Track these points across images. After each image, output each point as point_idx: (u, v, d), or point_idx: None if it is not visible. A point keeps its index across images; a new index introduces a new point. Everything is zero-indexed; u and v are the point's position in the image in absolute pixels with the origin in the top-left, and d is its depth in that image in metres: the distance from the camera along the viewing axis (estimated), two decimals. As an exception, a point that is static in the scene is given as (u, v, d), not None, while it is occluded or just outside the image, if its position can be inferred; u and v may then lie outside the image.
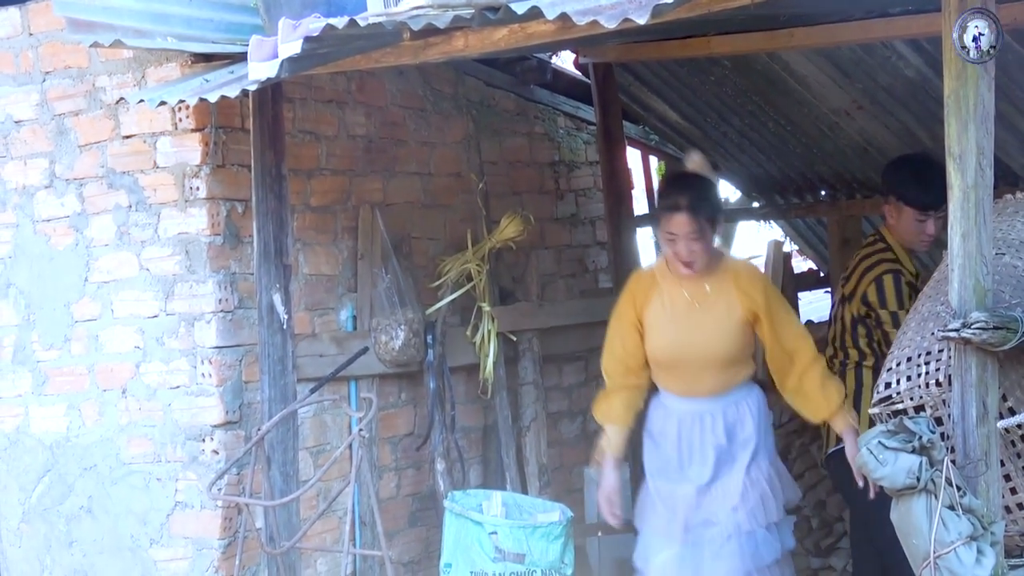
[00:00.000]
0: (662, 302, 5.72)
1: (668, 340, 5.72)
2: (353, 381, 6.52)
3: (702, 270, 5.62)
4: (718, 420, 5.71)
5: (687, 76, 8.00)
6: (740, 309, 5.64)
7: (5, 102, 6.38)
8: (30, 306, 6.38)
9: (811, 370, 5.64)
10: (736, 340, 5.68)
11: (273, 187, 5.82)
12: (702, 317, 5.66)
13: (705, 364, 5.67)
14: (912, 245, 5.99)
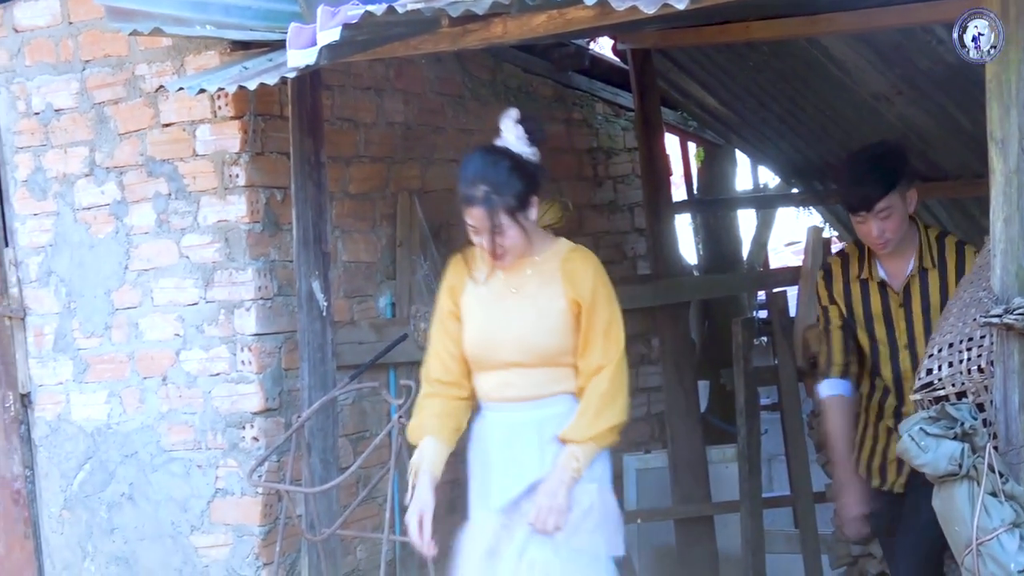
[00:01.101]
0: (476, 287, 5.00)
1: (478, 330, 4.96)
2: (392, 368, 6.53)
3: (523, 253, 4.90)
4: (531, 436, 4.88)
5: (726, 62, 7.97)
6: (564, 299, 4.87)
7: (46, 91, 6.41)
8: (71, 294, 6.41)
9: (592, 382, 4.83)
10: (555, 334, 4.85)
11: (312, 174, 5.82)
12: (518, 304, 4.90)
13: (518, 358, 4.86)
14: (870, 246, 5.32)
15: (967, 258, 5.14)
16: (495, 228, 4.81)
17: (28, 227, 6.50)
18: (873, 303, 5.31)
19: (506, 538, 4.86)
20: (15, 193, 6.52)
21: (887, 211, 5.06)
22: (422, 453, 5.00)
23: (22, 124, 6.48)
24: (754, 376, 6.99)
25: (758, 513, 6.88)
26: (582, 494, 4.81)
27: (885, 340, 5.30)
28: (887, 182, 5.06)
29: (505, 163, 4.85)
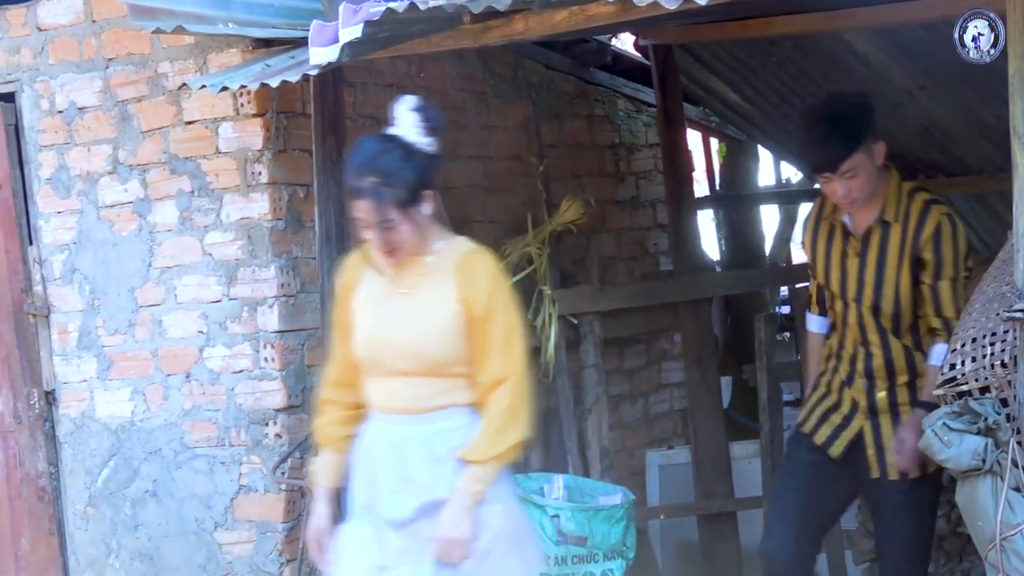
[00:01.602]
0: (367, 286, 4.62)
1: (364, 333, 4.57)
2: (415, 364, 6.52)
3: (415, 251, 4.50)
4: (419, 451, 4.49)
5: (748, 57, 7.95)
6: (456, 303, 4.45)
7: (69, 89, 6.43)
8: (95, 291, 6.43)
9: (492, 397, 4.45)
10: (445, 342, 4.45)
11: (334, 172, 5.82)
12: (407, 307, 4.50)
13: (405, 366, 4.47)
14: (837, 204, 5.12)
15: (930, 217, 4.98)
16: (384, 223, 4.39)
17: (52, 225, 6.52)
18: (834, 247, 5.20)
19: (405, 561, 4.45)
20: (39, 191, 6.55)
21: (853, 171, 4.90)
22: (321, 464, 4.70)
23: (46, 122, 6.51)
24: (777, 372, 6.98)
25: (781, 509, 6.86)
26: (489, 516, 4.45)
27: (839, 289, 5.19)
28: (851, 140, 4.90)
29: (397, 152, 4.43)
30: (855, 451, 5.20)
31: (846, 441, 5.21)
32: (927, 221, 4.99)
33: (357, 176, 4.41)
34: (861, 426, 5.18)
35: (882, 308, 5.07)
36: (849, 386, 5.22)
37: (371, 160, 4.41)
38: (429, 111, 4.51)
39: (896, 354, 5.10)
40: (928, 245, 4.99)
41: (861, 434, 5.18)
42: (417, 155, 4.44)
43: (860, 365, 5.17)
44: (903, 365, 5.11)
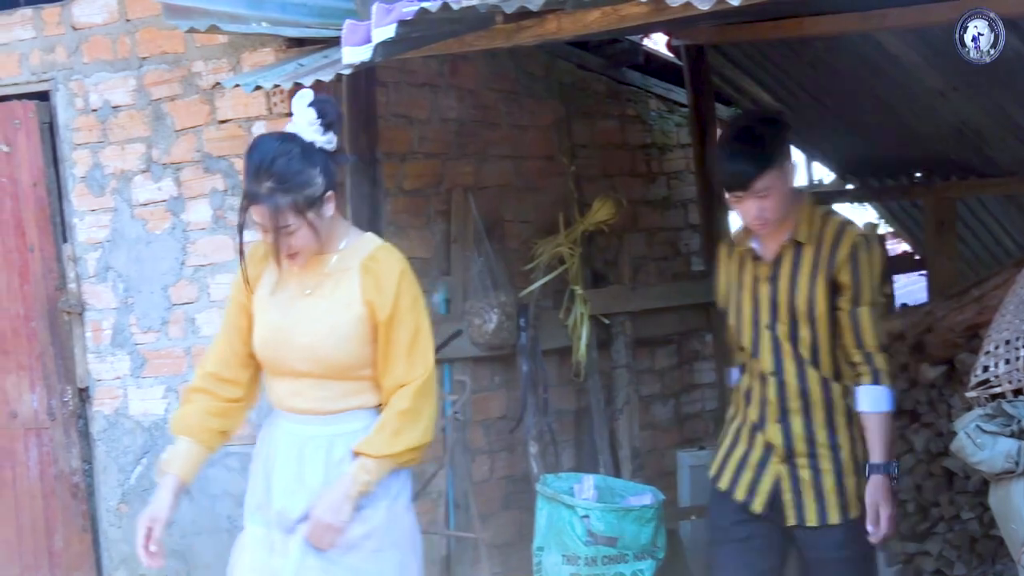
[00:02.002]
0: (272, 279, 4.41)
1: (265, 333, 4.39)
2: (447, 364, 6.54)
3: (320, 250, 4.33)
4: (319, 453, 4.36)
5: (780, 57, 7.95)
6: (361, 305, 4.29)
7: (103, 88, 6.46)
8: (128, 289, 6.46)
9: (393, 398, 4.30)
10: (349, 345, 4.29)
11: (367, 171, 5.85)
12: (310, 308, 4.34)
13: (308, 368, 4.32)
14: (748, 226, 4.83)
15: (845, 238, 4.70)
16: (282, 228, 4.19)
17: (86, 223, 6.56)
18: (745, 274, 4.88)
19: (283, 555, 4.33)
20: (73, 189, 6.58)
21: (766, 191, 4.61)
22: (174, 453, 4.45)
23: (80, 121, 6.54)
24: (808, 372, 6.95)
25: (812, 510, 6.84)
26: (371, 512, 4.32)
27: (750, 318, 4.84)
28: (765, 159, 4.62)
29: (295, 154, 4.19)
30: (776, 501, 4.82)
31: (765, 494, 4.83)
32: (842, 242, 4.70)
33: (254, 180, 4.18)
34: (777, 473, 4.80)
35: (799, 334, 4.73)
36: (761, 429, 4.84)
37: (268, 163, 4.17)
38: (326, 105, 4.29)
39: (812, 386, 4.73)
40: (845, 267, 4.69)
41: (778, 481, 4.80)
42: (316, 156, 4.23)
43: (773, 400, 4.78)
44: (819, 398, 4.74)
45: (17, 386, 6.79)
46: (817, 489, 4.75)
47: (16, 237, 6.72)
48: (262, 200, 4.16)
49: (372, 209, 5.87)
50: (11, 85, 6.72)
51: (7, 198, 6.73)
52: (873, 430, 4.70)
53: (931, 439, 6.31)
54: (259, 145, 4.26)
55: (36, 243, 6.68)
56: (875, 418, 4.69)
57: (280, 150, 4.19)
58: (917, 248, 10.08)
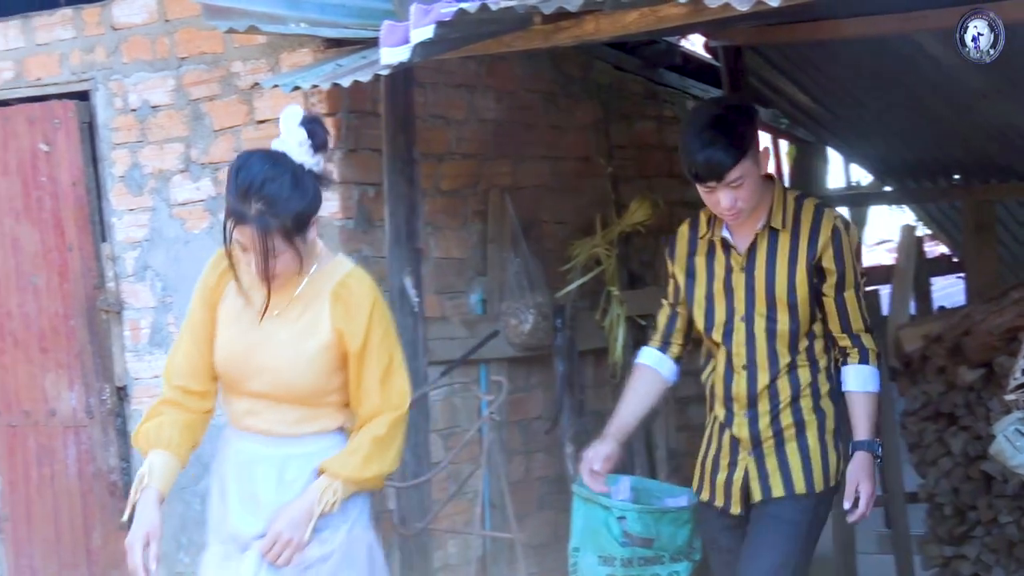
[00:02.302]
0: (234, 294, 4.27)
1: (226, 350, 4.26)
2: (483, 364, 6.55)
3: (297, 274, 4.19)
4: (270, 472, 4.28)
5: (818, 59, 7.92)
6: (329, 332, 4.19)
7: (142, 88, 6.49)
8: (166, 289, 6.48)
9: (370, 424, 4.24)
10: (313, 373, 4.19)
11: (404, 171, 5.85)
12: (276, 331, 4.21)
13: (266, 389, 4.22)
14: (719, 216, 4.65)
15: (824, 221, 4.57)
16: (267, 252, 4.04)
17: (125, 222, 6.58)
18: (716, 264, 4.70)
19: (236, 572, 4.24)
20: (112, 189, 6.61)
21: (739, 179, 4.45)
22: (152, 467, 4.27)
23: (119, 121, 6.57)
24: (846, 374, 6.93)
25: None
26: (330, 534, 4.24)
27: (723, 309, 4.67)
28: (738, 148, 4.46)
29: (287, 178, 4.04)
30: (750, 496, 4.69)
31: (739, 491, 4.71)
32: (822, 226, 4.57)
33: (241, 200, 4.02)
34: (746, 465, 4.67)
35: (777, 324, 4.60)
36: (729, 426, 4.71)
37: (258, 185, 4.02)
38: (316, 125, 4.16)
39: (782, 374, 4.61)
40: (827, 252, 4.56)
41: (747, 474, 4.68)
42: (307, 180, 4.09)
43: (743, 394, 4.64)
44: (787, 384, 4.61)
45: (56, 384, 6.83)
46: (783, 468, 4.62)
47: (55, 236, 6.76)
48: (250, 222, 4.03)
49: (409, 209, 5.88)
50: (51, 85, 6.76)
51: (47, 197, 6.77)
52: (859, 409, 4.61)
53: (969, 442, 6.28)
54: (248, 165, 4.08)
55: (75, 242, 6.71)
56: (862, 397, 4.60)
57: (271, 173, 4.05)
58: (955, 250, 10.04)
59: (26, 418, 6.94)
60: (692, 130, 4.54)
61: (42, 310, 6.83)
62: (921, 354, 6.50)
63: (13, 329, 6.93)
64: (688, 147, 4.52)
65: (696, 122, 4.58)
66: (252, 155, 4.14)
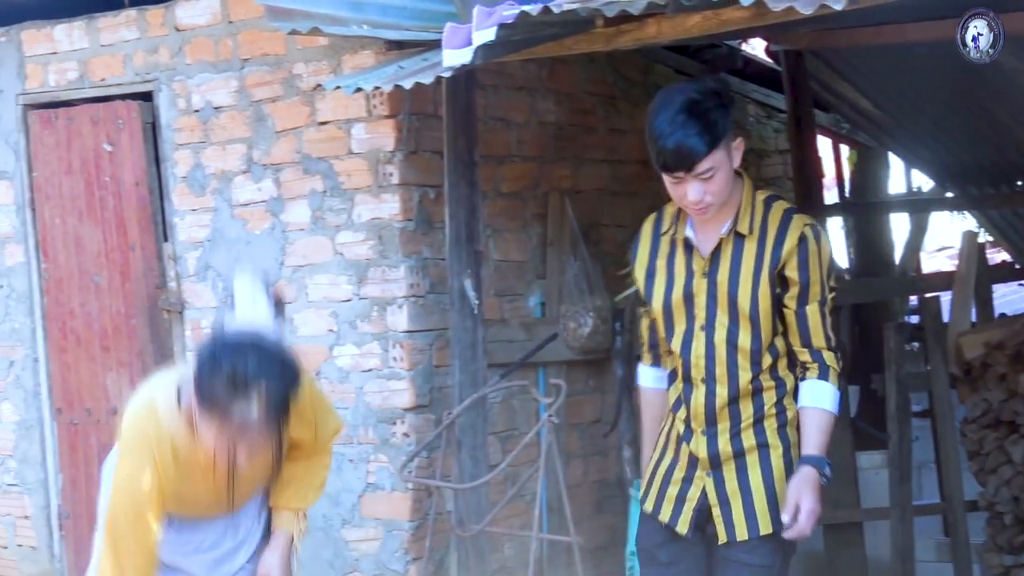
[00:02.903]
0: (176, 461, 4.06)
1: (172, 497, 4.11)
2: (542, 367, 6.56)
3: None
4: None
5: (879, 63, 7.88)
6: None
7: (205, 89, 6.53)
8: (227, 289, 6.50)
9: (323, 455, 4.44)
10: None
11: (465, 173, 5.86)
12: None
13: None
14: (686, 210, 4.25)
15: (792, 228, 4.15)
16: (276, 444, 4.01)
17: (187, 222, 6.63)
18: (676, 267, 4.29)
19: None
20: (175, 189, 6.65)
21: (710, 171, 4.07)
22: None
23: (182, 121, 6.61)
24: (906, 382, 6.90)
25: (908, 520, 6.79)
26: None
27: (683, 317, 4.26)
28: (711, 135, 4.06)
29: (291, 371, 3.90)
30: (703, 519, 4.30)
31: (691, 512, 4.29)
32: (789, 232, 4.16)
33: (246, 392, 3.76)
34: (703, 485, 4.27)
35: (738, 336, 4.20)
36: (687, 441, 4.30)
37: (284, 407, 3.85)
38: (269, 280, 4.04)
39: (744, 390, 4.21)
40: (792, 260, 4.15)
41: (704, 495, 4.27)
42: (292, 358, 3.94)
43: (700, 409, 4.25)
44: (749, 402, 4.23)
45: (117, 383, 6.88)
46: (746, 499, 4.24)
47: (118, 236, 6.81)
48: (262, 434, 3.86)
49: (469, 211, 5.89)
50: (115, 85, 6.81)
51: (110, 197, 6.82)
52: (810, 424, 4.21)
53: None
54: (270, 373, 3.80)
55: (137, 242, 6.76)
56: (815, 413, 4.20)
57: (292, 384, 3.88)
58: (1017, 257, 9.96)
59: (87, 416, 7.00)
60: (662, 114, 4.13)
61: (104, 309, 6.89)
62: (982, 361, 6.46)
63: (75, 328, 6.98)
64: (656, 132, 4.12)
65: (667, 106, 4.13)
66: (242, 345, 3.84)
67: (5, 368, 7.22)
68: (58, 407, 7.10)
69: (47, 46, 6.99)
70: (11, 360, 7.21)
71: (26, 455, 7.20)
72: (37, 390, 7.14)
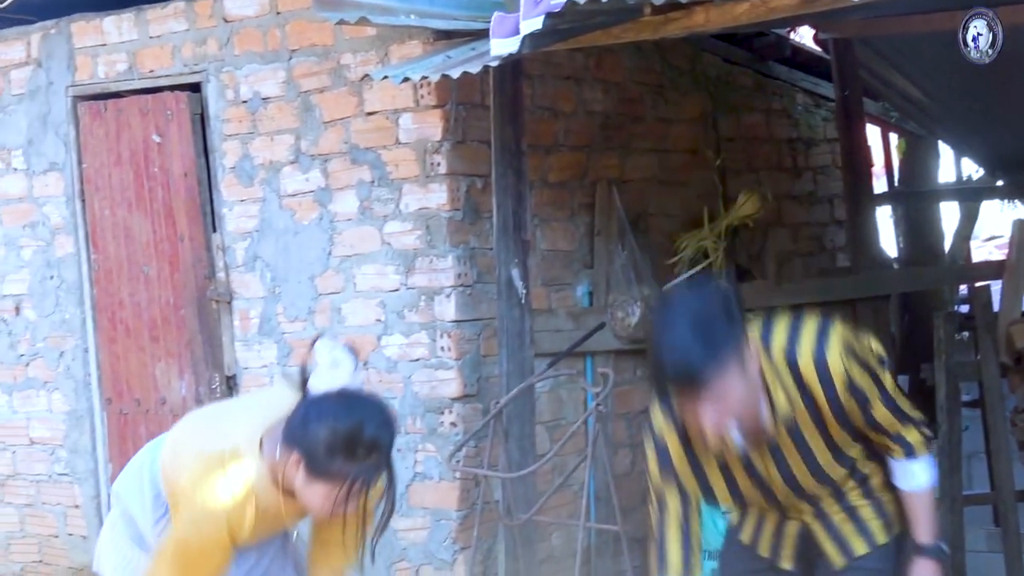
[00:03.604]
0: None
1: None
2: (589, 356, 6.55)
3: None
4: None
5: (930, 51, 7.83)
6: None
7: (253, 79, 6.54)
8: (275, 279, 6.54)
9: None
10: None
11: (512, 163, 5.86)
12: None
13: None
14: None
15: (833, 374, 3.75)
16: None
17: (235, 213, 6.65)
18: (728, 457, 3.90)
19: None
20: (223, 180, 6.67)
21: (723, 392, 3.60)
22: None
23: (230, 112, 6.63)
24: (955, 371, 6.86)
25: (958, 510, 6.76)
26: None
27: (759, 497, 4.00)
28: (719, 355, 3.58)
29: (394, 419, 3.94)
30: (806, 549, 4.11)
31: (793, 545, 4.11)
32: (833, 377, 3.77)
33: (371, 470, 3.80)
34: (803, 524, 4.08)
35: (818, 488, 3.97)
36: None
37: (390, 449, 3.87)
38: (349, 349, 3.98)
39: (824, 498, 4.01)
40: (849, 399, 3.80)
41: (805, 530, 4.07)
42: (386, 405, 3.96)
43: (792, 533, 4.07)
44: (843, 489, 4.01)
45: (166, 373, 6.91)
46: (856, 520, 4.06)
47: (167, 226, 6.84)
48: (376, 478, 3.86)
49: (517, 201, 5.88)
50: (164, 76, 6.84)
51: (158, 187, 6.85)
52: (913, 508, 4.02)
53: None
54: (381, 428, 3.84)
55: (186, 232, 6.79)
56: (912, 497, 4.01)
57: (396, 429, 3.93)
58: (1068, 247, 9.88)
59: (137, 406, 7.04)
60: (659, 333, 3.65)
61: (153, 299, 6.92)
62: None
63: (124, 318, 7.02)
64: (656, 348, 3.65)
65: (664, 321, 3.67)
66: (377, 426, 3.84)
67: (55, 358, 7.27)
68: (108, 397, 7.15)
69: (96, 38, 7.03)
70: (61, 350, 7.25)
71: (76, 445, 7.25)
72: (87, 380, 7.19)
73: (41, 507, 7.40)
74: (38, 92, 7.22)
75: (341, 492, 3.77)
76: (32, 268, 7.31)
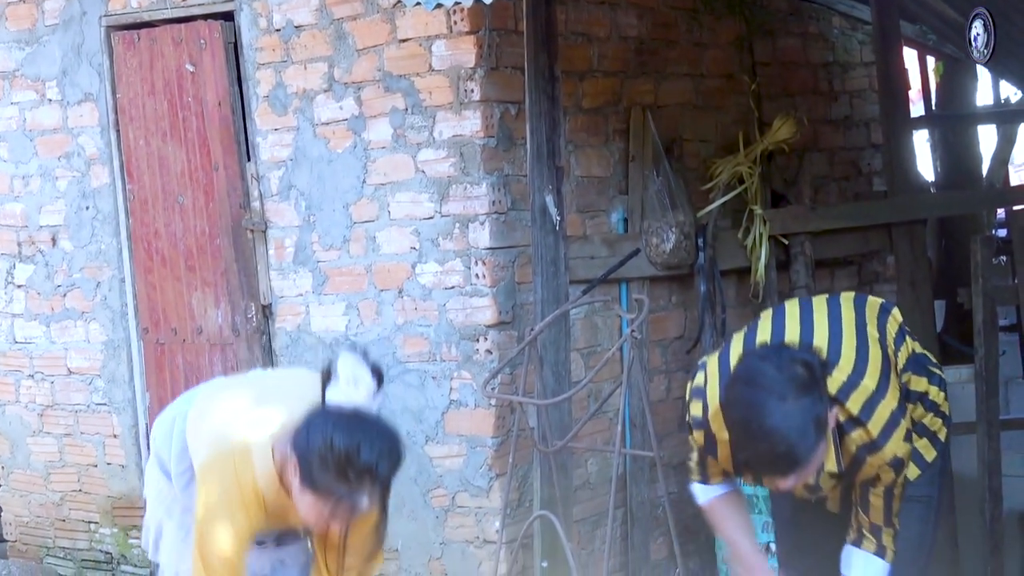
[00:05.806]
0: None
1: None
2: (624, 283, 6.54)
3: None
4: None
5: (968, -28, 7.75)
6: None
7: (286, 8, 6.51)
8: (310, 208, 6.54)
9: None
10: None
11: (546, 89, 5.84)
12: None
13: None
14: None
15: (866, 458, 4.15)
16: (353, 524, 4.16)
17: (269, 142, 6.64)
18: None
19: None
20: (257, 109, 6.67)
21: (811, 468, 3.99)
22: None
23: (263, 41, 6.61)
24: (993, 295, 6.84)
25: (995, 435, 6.75)
26: None
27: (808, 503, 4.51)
28: (803, 457, 3.89)
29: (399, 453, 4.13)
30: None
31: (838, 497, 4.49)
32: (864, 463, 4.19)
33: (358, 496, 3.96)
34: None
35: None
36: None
37: (386, 482, 4.06)
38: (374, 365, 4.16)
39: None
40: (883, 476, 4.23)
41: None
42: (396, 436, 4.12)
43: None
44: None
45: (202, 302, 6.94)
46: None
47: (201, 156, 6.84)
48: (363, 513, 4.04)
49: (551, 127, 5.86)
50: (196, 5, 6.82)
51: (192, 117, 6.85)
52: None
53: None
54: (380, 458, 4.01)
55: (220, 162, 6.79)
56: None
57: (399, 464, 4.11)
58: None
59: (173, 336, 7.07)
60: (744, 441, 3.94)
61: (188, 229, 6.94)
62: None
63: (160, 248, 7.04)
64: (740, 459, 4.02)
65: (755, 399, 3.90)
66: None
67: (92, 288, 7.30)
68: (144, 327, 7.18)
69: (128, -33, 7.02)
70: (98, 281, 7.28)
71: (114, 375, 7.29)
72: (124, 310, 7.22)
73: (80, 437, 7.46)
74: (72, 22, 7.20)
75: (326, 509, 3.94)
76: (68, 199, 7.33)
